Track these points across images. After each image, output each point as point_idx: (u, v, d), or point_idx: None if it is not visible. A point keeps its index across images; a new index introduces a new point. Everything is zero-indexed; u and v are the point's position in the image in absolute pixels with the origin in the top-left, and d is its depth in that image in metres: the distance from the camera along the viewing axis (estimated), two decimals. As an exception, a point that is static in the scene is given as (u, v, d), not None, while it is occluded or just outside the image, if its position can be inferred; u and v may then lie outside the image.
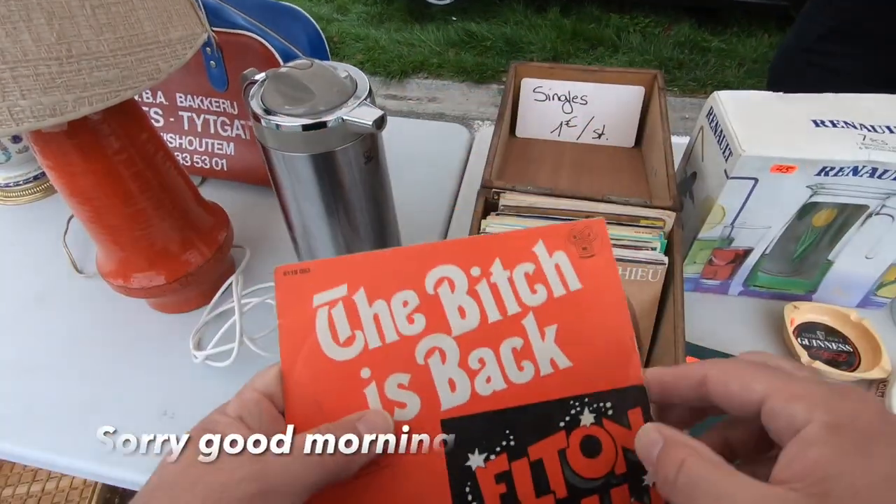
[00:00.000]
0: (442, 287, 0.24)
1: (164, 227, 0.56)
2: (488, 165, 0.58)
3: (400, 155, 0.87)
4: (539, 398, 0.24)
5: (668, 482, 0.19)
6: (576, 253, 0.25)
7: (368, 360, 0.24)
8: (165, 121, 0.79)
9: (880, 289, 0.60)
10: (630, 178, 0.69)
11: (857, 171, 0.49)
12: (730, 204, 0.54)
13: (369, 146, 0.48)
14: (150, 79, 0.40)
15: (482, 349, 0.24)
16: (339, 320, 0.24)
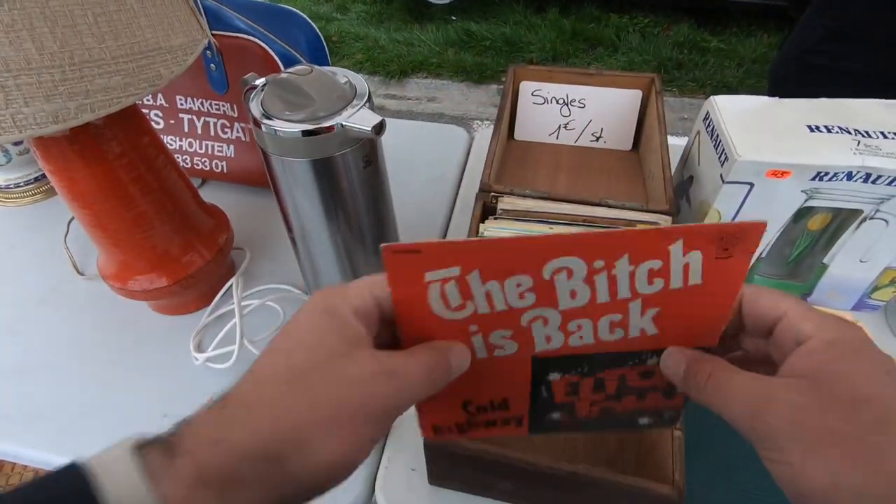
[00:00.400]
0: (560, 274, 0.24)
1: (166, 231, 0.57)
2: (486, 169, 0.58)
3: (398, 157, 0.88)
4: (620, 349, 0.27)
5: (699, 389, 0.24)
6: (713, 253, 0.24)
7: (476, 320, 0.26)
8: (166, 123, 0.79)
9: (875, 292, 0.61)
10: (627, 182, 0.69)
11: (851, 176, 0.50)
12: (725, 208, 0.54)
13: (368, 151, 0.49)
14: (151, 85, 0.40)
15: (582, 319, 0.26)
16: (450, 293, 0.25)
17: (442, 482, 0.49)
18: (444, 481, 0.49)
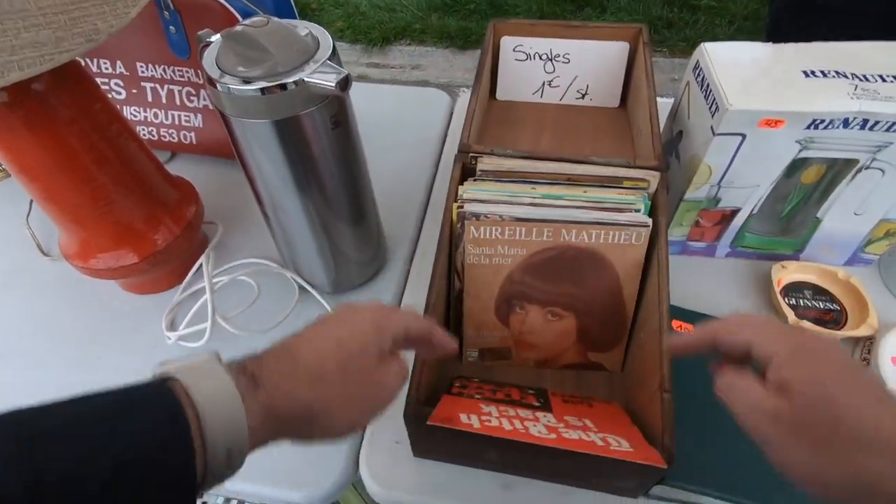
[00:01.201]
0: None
1: (128, 204, 0.53)
2: (465, 128, 0.55)
3: (378, 123, 0.84)
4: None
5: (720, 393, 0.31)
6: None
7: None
8: (128, 92, 0.75)
9: (868, 245, 0.59)
10: (615, 140, 0.66)
11: (847, 123, 0.47)
12: (716, 162, 0.52)
13: (336, 110, 0.45)
14: (88, 40, 0.36)
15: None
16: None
17: (426, 454, 0.47)
18: (429, 453, 0.47)
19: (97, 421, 0.22)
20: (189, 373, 0.25)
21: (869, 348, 0.53)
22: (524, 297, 0.48)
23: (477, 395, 0.44)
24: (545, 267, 0.45)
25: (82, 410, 0.22)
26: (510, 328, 0.50)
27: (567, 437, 0.36)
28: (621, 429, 0.40)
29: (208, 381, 0.25)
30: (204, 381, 0.24)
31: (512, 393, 0.46)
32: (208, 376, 0.25)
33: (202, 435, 0.23)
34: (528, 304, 0.48)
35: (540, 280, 0.46)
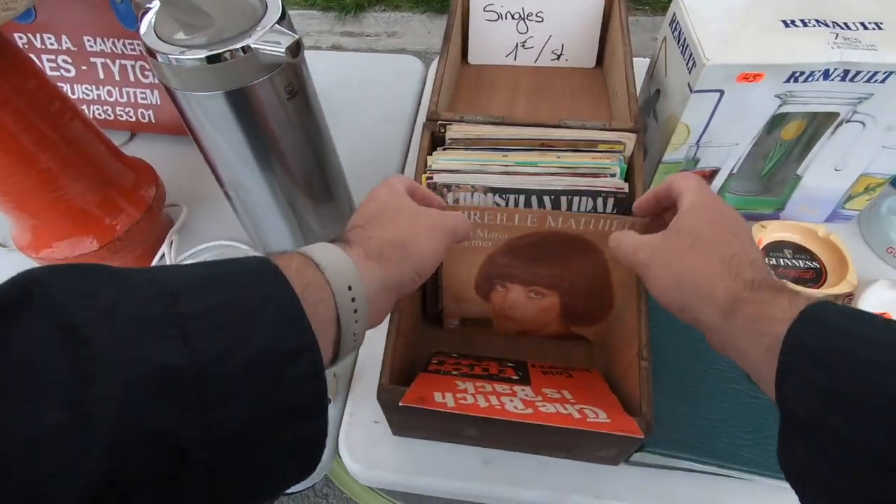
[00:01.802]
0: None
1: (78, 188, 0.50)
2: (434, 95, 0.52)
3: (349, 94, 0.80)
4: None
5: (613, 249, 0.37)
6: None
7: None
8: (77, 69, 0.70)
9: (848, 202, 0.58)
10: (591, 102, 0.64)
11: (828, 74, 0.45)
12: (694, 121, 0.50)
13: (291, 79, 0.42)
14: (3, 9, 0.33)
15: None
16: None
17: (406, 433, 0.47)
18: (408, 432, 0.46)
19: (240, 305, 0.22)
20: (305, 249, 0.28)
21: (848, 305, 0.52)
22: (506, 276, 0.46)
23: (454, 371, 0.43)
24: (528, 250, 0.43)
25: (225, 297, 0.22)
26: (491, 304, 0.48)
27: (544, 410, 0.36)
28: (600, 399, 0.39)
29: (321, 249, 0.28)
30: (318, 250, 0.28)
31: (490, 367, 0.45)
32: (319, 248, 0.28)
33: (328, 281, 0.27)
34: (509, 284, 0.46)
35: (523, 262, 0.44)
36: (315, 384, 0.23)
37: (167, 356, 0.19)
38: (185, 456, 0.19)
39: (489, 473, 0.46)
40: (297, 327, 0.23)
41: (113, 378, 0.18)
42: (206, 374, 0.20)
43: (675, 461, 0.43)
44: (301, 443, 0.23)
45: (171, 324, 0.20)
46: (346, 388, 0.52)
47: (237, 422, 0.20)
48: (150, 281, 0.21)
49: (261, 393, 0.21)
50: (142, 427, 0.18)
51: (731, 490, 0.44)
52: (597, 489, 0.44)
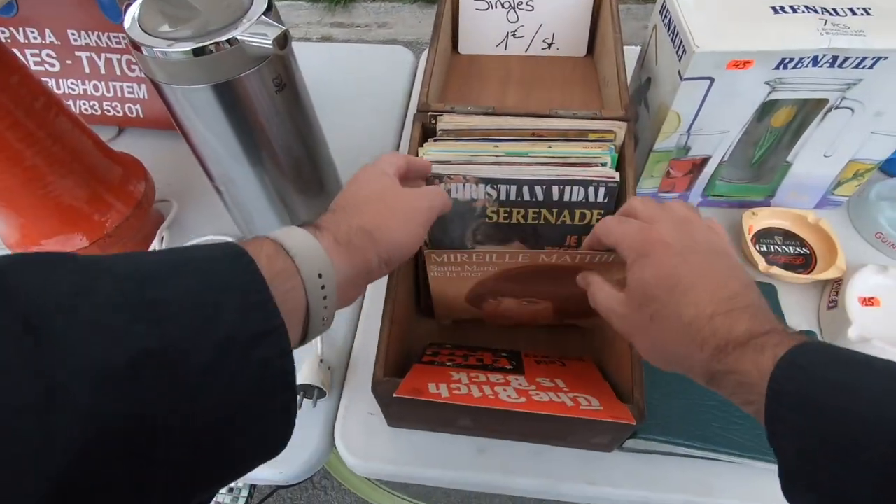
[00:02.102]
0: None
1: (66, 185, 0.50)
2: (424, 86, 0.52)
3: (339, 86, 0.80)
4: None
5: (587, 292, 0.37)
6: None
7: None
8: (62, 64, 0.69)
9: (838, 188, 0.59)
10: (582, 91, 0.64)
11: (817, 60, 0.45)
12: (685, 109, 0.50)
13: (279, 71, 0.42)
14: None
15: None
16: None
17: (401, 424, 0.47)
18: (403, 423, 0.47)
19: (204, 292, 0.23)
20: (276, 235, 0.28)
21: (837, 290, 0.53)
22: (498, 293, 0.46)
23: (448, 362, 0.43)
24: (520, 275, 0.42)
25: (191, 283, 0.22)
26: (483, 311, 0.48)
27: (537, 399, 0.36)
28: (593, 387, 0.39)
29: (292, 235, 0.28)
30: (288, 235, 0.28)
31: (484, 357, 0.45)
32: (290, 232, 0.28)
33: (298, 269, 0.27)
34: (501, 298, 0.46)
35: (515, 283, 0.44)
36: (282, 366, 0.24)
37: (137, 340, 0.19)
38: (157, 437, 0.19)
39: (484, 462, 0.46)
40: (262, 310, 0.23)
41: (80, 363, 0.18)
42: (175, 358, 0.20)
43: (668, 447, 0.44)
44: (269, 422, 0.24)
45: (138, 309, 0.20)
46: (341, 380, 0.52)
47: (206, 403, 0.21)
48: (117, 268, 0.21)
49: (229, 375, 0.21)
50: (111, 410, 0.18)
51: (722, 474, 0.44)
52: (591, 475, 0.45)
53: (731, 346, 0.28)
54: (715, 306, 0.29)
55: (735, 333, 0.28)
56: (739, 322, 0.28)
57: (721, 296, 0.29)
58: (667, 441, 0.43)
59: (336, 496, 1.22)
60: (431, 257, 0.40)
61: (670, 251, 0.31)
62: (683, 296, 0.30)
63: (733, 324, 0.28)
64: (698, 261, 0.31)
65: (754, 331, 0.28)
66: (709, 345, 0.28)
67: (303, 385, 0.48)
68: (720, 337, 0.28)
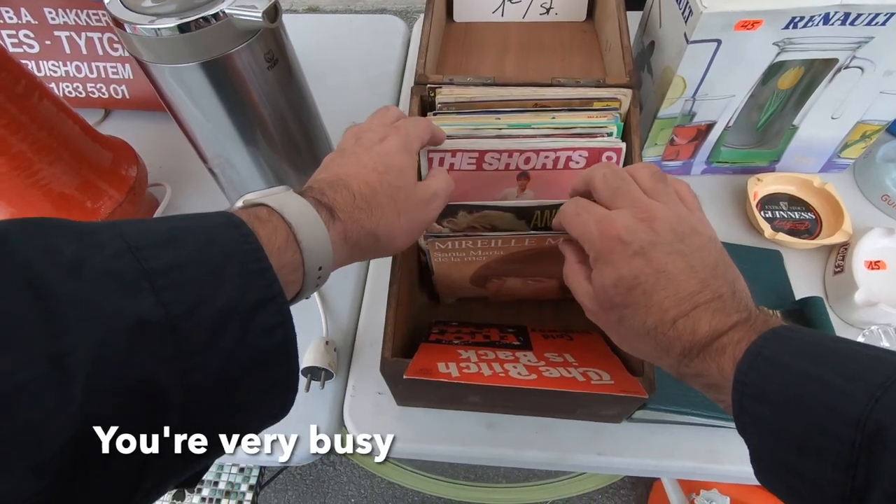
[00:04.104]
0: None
1: (55, 172, 0.48)
2: (421, 57, 0.50)
3: (329, 59, 0.77)
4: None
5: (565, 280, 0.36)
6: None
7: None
8: (41, 45, 0.67)
9: (844, 150, 0.58)
10: (584, 57, 0.62)
11: (828, 18, 0.44)
12: (690, 74, 0.48)
13: (270, 46, 0.40)
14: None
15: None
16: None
17: (409, 402, 0.47)
18: (412, 401, 0.47)
19: (206, 262, 0.22)
20: (284, 207, 0.27)
21: (843, 254, 0.53)
22: (503, 274, 0.45)
23: (456, 340, 0.43)
24: (526, 257, 0.42)
25: (191, 252, 0.22)
26: (488, 289, 0.48)
27: (548, 376, 0.36)
28: (602, 360, 0.39)
29: (303, 217, 0.27)
30: (304, 227, 0.27)
31: (491, 334, 0.45)
32: (302, 213, 0.28)
33: (303, 262, 0.27)
34: (506, 278, 0.46)
35: (520, 265, 0.43)
36: (282, 332, 0.24)
37: (139, 309, 0.19)
38: (163, 402, 0.19)
39: (493, 437, 0.46)
40: (261, 278, 0.24)
41: (86, 330, 0.18)
42: (179, 326, 0.20)
43: (676, 416, 0.44)
44: (272, 387, 0.24)
45: (139, 278, 0.20)
46: (348, 360, 0.52)
47: (210, 371, 0.21)
48: (117, 236, 0.21)
49: (231, 342, 0.22)
50: (119, 377, 0.18)
51: (730, 441, 0.45)
52: (599, 446, 0.45)
53: (696, 349, 0.28)
54: (677, 308, 0.28)
55: (698, 336, 0.28)
56: (702, 321, 0.28)
57: (683, 293, 0.29)
58: (674, 411, 0.43)
59: (344, 471, 1.24)
60: (435, 245, 0.39)
61: (628, 251, 0.30)
62: (645, 301, 0.29)
63: (696, 325, 0.28)
64: (659, 256, 0.29)
65: (718, 328, 0.28)
66: (674, 349, 0.29)
67: (310, 367, 0.48)
68: (684, 341, 0.28)
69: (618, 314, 0.31)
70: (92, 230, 0.21)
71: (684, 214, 0.31)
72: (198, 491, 0.82)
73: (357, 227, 0.30)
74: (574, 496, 1.17)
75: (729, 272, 0.30)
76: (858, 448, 0.21)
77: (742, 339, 0.27)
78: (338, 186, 0.31)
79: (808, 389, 0.24)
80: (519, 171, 0.42)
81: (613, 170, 0.33)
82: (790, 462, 0.24)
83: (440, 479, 1.18)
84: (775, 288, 0.52)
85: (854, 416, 0.22)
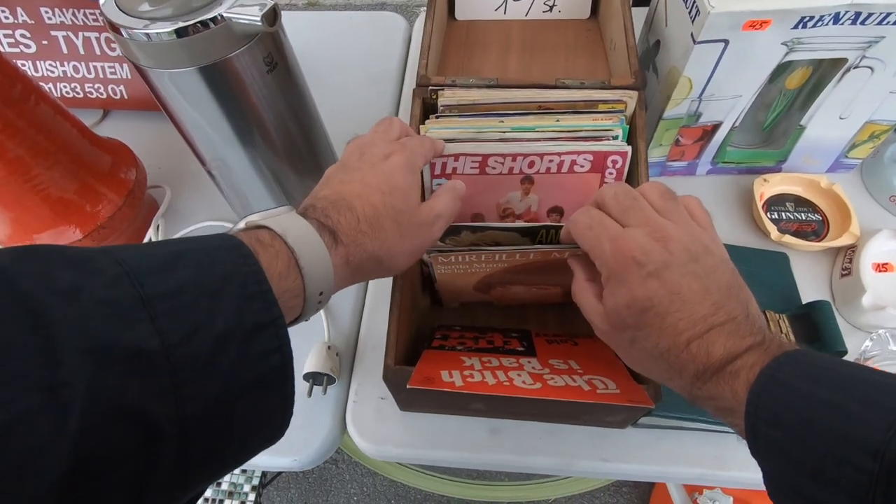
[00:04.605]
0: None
1: (53, 177, 0.48)
2: (422, 58, 0.49)
3: (328, 58, 0.76)
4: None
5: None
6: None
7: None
8: (38, 45, 0.66)
9: (852, 150, 0.57)
10: (588, 56, 0.61)
11: (838, 18, 0.43)
12: (697, 74, 0.48)
13: (270, 50, 0.39)
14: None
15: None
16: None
17: (412, 408, 0.47)
18: (415, 407, 0.46)
19: (206, 285, 0.22)
20: (287, 232, 0.27)
21: (851, 257, 0.52)
22: (507, 282, 0.44)
23: (459, 346, 0.43)
24: (530, 268, 0.41)
25: (189, 276, 0.22)
26: (491, 296, 0.47)
27: (552, 384, 0.35)
28: (607, 368, 0.39)
29: (304, 238, 0.27)
30: (305, 251, 0.27)
31: (495, 339, 0.45)
32: (304, 234, 0.27)
33: (304, 288, 0.27)
34: (510, 286, 0.45)
35: (524, 275, 0.42)
36: (279, 357, 0.24)
37: (135, 338, 0.19)
38: (158, 433, 0.19)
39: (497, 443, 0.46)
40: (261, 301, 0.23)
41: (81, 360, 0.18)
42: (174, 354, 0.20)
43: (682, 422, 0.44)
44: (269, 412, 0.24)
45: (136, 306, 0.20)
46: (350, 365, 0.51)
47: (207, 398, 0.21)
48: (112, 262, 0.21)
49: (228, 368, 0.22)
50: (114, 407, 0.18)
51: (736, 447, 0.44)
52: (605, 452, 0.45)
53: (709, 372, 0.28)
54: (691, 331, 0.28)
55: (713, 359, 0.28)
56: (716, 344, 0.28)
57: (698, 315, 0.28)
58: (681, 417, 0.43)
59: (347, 469, 1.24)
60: (438, 259, 0.39)
61: (642, 272, 0.29)
62: (658, 323, 0.29)
63: (710, 348, 0.28)
64: (673, 278, 0.29)
65: (732, 351, 0.27)
66: (688, 372, 0.28)
67: (312, 373, 0.47)
68: (698, 363, 0.28)
69: (630, 335, 0.30)
70: (90, 256, 0.21)
71: (697, 234, 0.31)
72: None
73: (360, 251, 0.30)
74: (576, 494, 1.17)
75: (742, 294, 0.30)
76: (876, 478, 0.21)
77: (756, 363, 0.26)
78: (341, 207, 0.30)
79: (823, 415, 0.23)
80: (523, 176, 0.42)
81: (625, 188, 0.33)
82: (805, 489, 0.23)
83: (442, 477, 1.18)
84: (781, 291, 0.51)
85: (872, 446, 0.21)
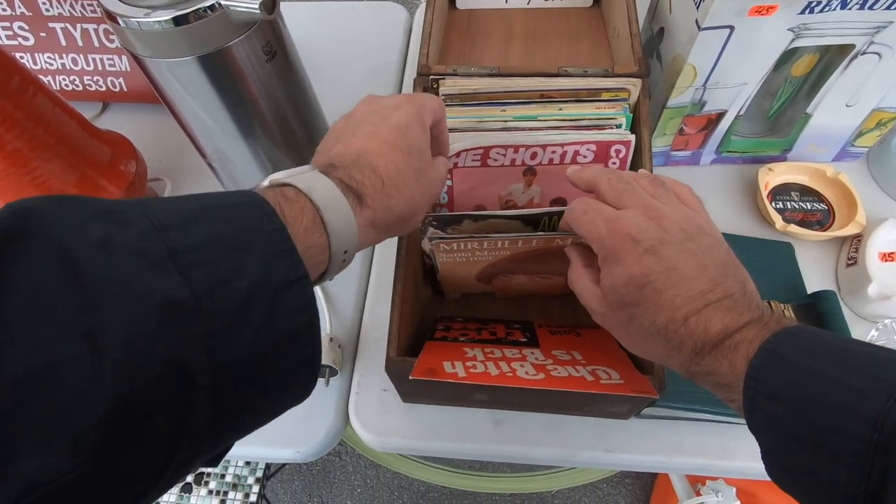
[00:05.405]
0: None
1: (53, 169, 0.48)
2: (423, 47, 0.49)
3: (328, 48, 0.76)
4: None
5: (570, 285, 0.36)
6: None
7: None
8: (36, 37, 0.65)
9: (858, 139, 0.56)
10: (591, 44, 0.60)
11: (846, 2, 0.42)
12: (701, 61, 0.47)
13: (269, 38, 0.39)
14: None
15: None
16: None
17: (415, 399, 0.47)
18: (418, 398, 0.46)
19: (234, 239, 0.23)
20: (312, 189, 0.27)
21: (857, 246, 0.51)
22: (509, 272, 0.44)
23: (461, 337, 0.42)
24: (533, 256, 0.41)
25: (214, 231, 0.22)
26: (494, 286, 0.47)
27: (556, 375, 0.35)
28: (610, 357, 0.39)
29: (330, 201, 0.27)
30: (330, 210, 0.27)
31: (497, 330, 0.44)
32: (330, 197, 0.27)
33: (329, 245, 0.27)
34: (512, 275, 0.45)
35: (527, 263, 0.42)
36: (307, 314, 0.24)
37: (168, 288, 0.19)
38: (192, 382, 0.20)
39: (500, 433, 0.46)
40: (287, 259, 0.23)
41: (117, 308, 0.18)
42: (203, 306, 0.20)
43: (685, 412, 0.44)
44: (296, 368, 0.25)
45: (166, 257, 0.20)
46: (352, 357, 0.51)
47: (237, 350, 0.21)
48: (142, 215, 0.21)
49: (257, 323, 0.22)
50: (150, 354, 0.19)
51: (740, 437, 0.44)
52: (608, 443, 0.45)
53: (707, 347, 0.28)
54: (689, 306, 0.28)
55: (710, 334, 0.28)
56: (714, 320, 0.28)
57: (695, 291, 0.28)
58: (685, 407, 0.43)
59: (350, 461, 1.25)
60: (440, 246, 0.38)
61: (638, 248, 0.29)
62: (655, 298, 0.29)
63: (708, 323, 0.28)
64: (670, 254, 0.29)
65: (730, 327, 0.27)
66: (686, 347, 0.28)
67: (314, 365, 0.47)
68: (696, 338, 0.28)
69: (628, 313, 0.30)
70: (119, 208, 0.21)
71: (690, 215, 0.31)
72: (205, 484, 0.83)
73: (387, 214, 0.30)
74: (579, 485, 1.18)
75: (738, 273, 0.30)
76: (875, 447, 0.21)
77: (756, 338, 0.27)
78: (363, 167, 0.30)
79: (823, 388, 0.23)
80: (525, 167, 0.41)
81: (617, 174, 0.33)
82: (803, 461, 0.24)
83: (445, 468, 1.18)
84: (786, 281, 0.51)
85: (871, 416, 0.21)
